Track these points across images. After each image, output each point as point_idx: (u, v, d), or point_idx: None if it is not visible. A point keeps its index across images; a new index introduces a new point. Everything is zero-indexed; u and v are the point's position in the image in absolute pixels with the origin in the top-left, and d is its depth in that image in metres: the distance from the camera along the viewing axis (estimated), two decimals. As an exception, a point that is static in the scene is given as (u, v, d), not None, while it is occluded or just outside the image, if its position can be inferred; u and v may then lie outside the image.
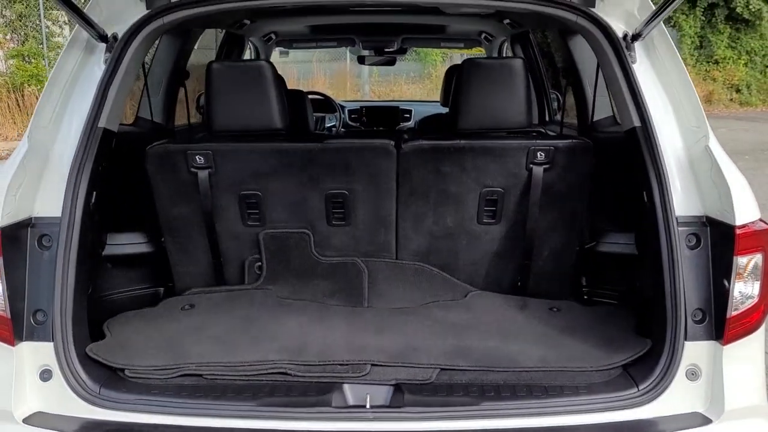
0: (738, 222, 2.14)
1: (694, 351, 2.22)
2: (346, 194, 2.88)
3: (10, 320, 2.19)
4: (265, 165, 2.82)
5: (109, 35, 2.48)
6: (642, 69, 2.46)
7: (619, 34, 2.48)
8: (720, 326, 2.20)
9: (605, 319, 2.71)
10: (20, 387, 2.21)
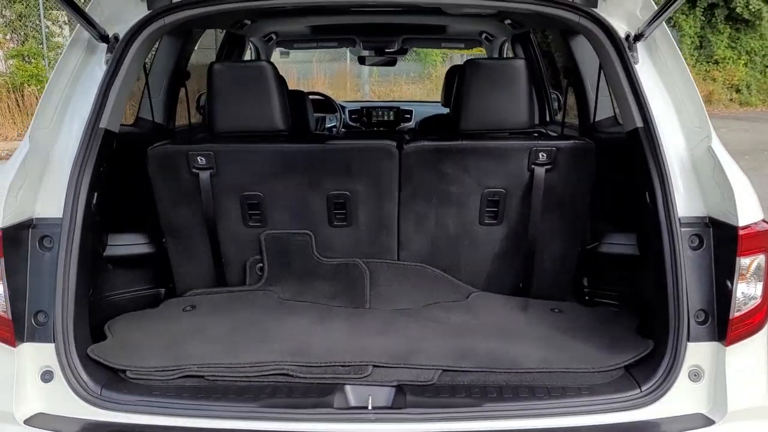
0: (741, 223, 2.13)
1: (697, 352, 2.22)
2: (348, 195, 2.88)
3: (11, 321, 2.19)
4: (267, 166, 2.81)
5: (111, 35, 2.48)
6: (644, 69, 2.46)
7: (622, 35, 2.48)
8: (723, 327, 2.19)
9: (607, 320, 2.71)
10: (21, 388, 2.20)
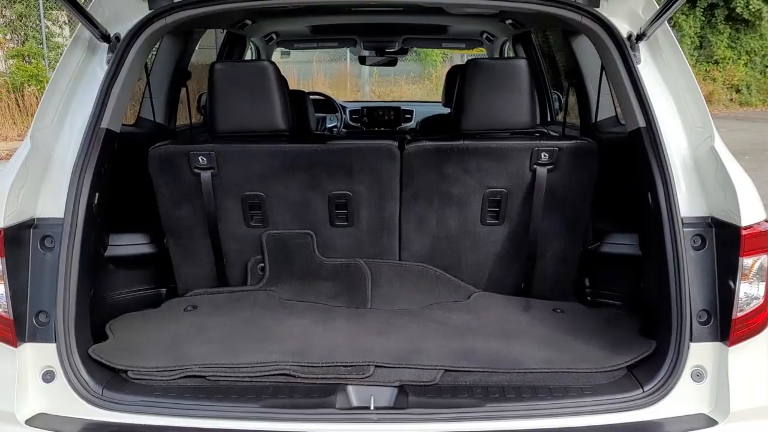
0: (744, 223, 2.13)
1: (700, 352, 2.21)
2: (350, 196, 2.87)
3: (13, 321, 2.19)
4: (268, 166, 2.81)
5: (112, 35, 2.48)
6: (647, 69, 2.45)
7: (624, 34, 2.47)
8: (725, 327, 2.19)
9: (609, 321, 2.71)
10: (23, 388, 2.20)
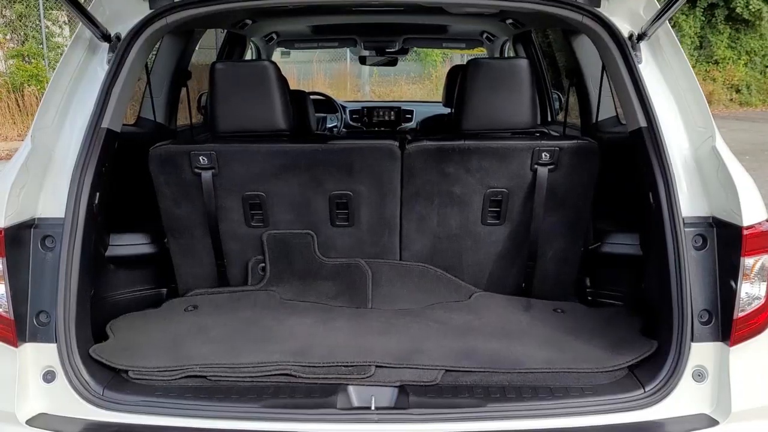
0: (745, 223, 2.12)
1: (701, 352, 2.21)
2: (350, 195, 2.87)
3: (14, 321, 2.18)
4: (269, 166, 2.81)
5: (112, 35, 2.48)
6: (648, 69, 2.45)
7: (625, 34, 2.47)
8: (727, 327, 2.19)
9: (610, 321, 2.70)
10: (23, 388, 2.20)
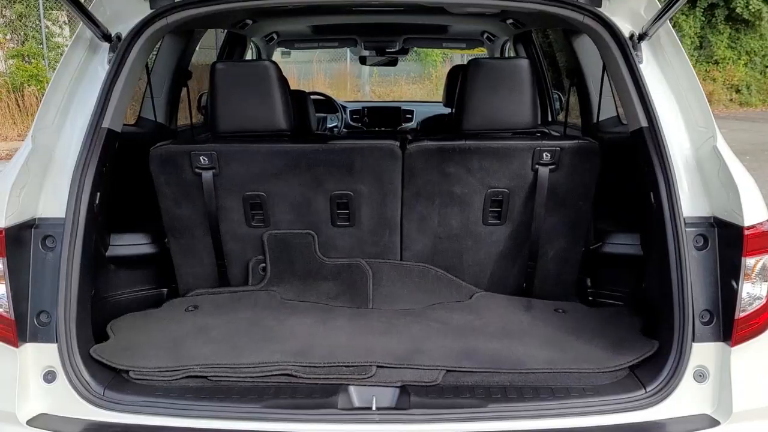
0: (746, 223, 2.12)
1: (702, 352, 2.21)
2: (351, 195, 2.87)
3: (14, 321, 2.18)
4: (270, 166, 2.80)
5: (113, 35, 2.47)
6: (649, 69, 2.45)
7: (626, 34, 2.47)
8: (728, 328, 2.19)
9: (611, 321, 2.70)
10: (24, 388, 2.19)
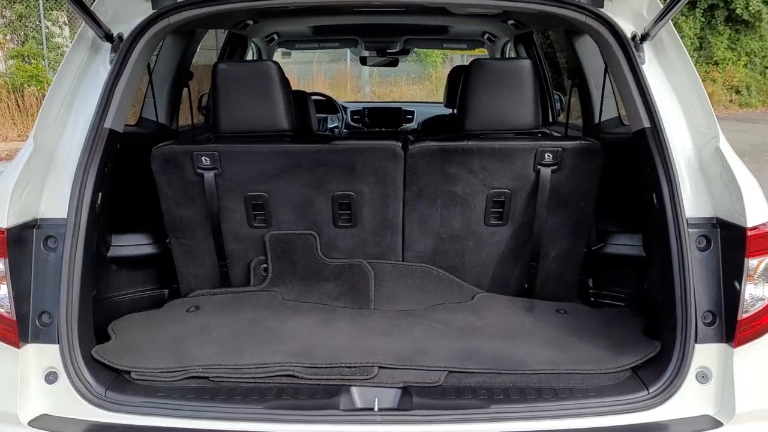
0: (749, 223, 2.12)
1: (705, 353, 2.21)
2: (353, 196, 2.86)
3: (16, 322, 2.18)
4: (272, 166, 2.80)
5: (115, 35, 2.47)
6: (651, 69, 2.45)
7: (628, 35, 2.47)
8: (731, 329, 2.18)
9: (613, 321, 2.70)
10: (25, 389, 2.19)
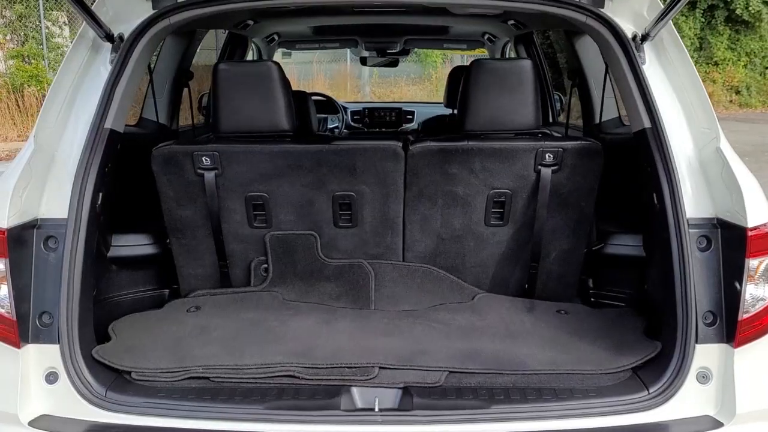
0: (750, 224, 2.12)
1: (705, 354, 2.21)
2: (353, 196, 2.86)
3: (16, 322, 2.18)
4: (272, 167, 2.80)
5: (116, 35, 2.47)
6: (651, 70, 2.45)
7: (629, 35, 2.47)
8: (731, 329, 2.18)
9: (613, 322, 2.70)
10: (26, 389, 2.19)
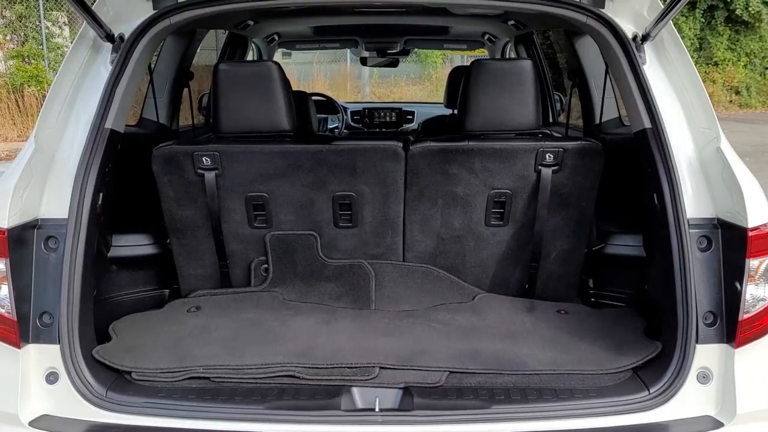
0: (750, 224, 2.12)
1: (706, 354, 2.21)
2: (354, 196, 2.86)
3: (16, 322, 2.18)
4: (272, 167, 2.80)
5: (116, 35, 2.47)
6: (652, 70, 2.45)
7: (629, 35, 2.47)
8: (732, 329, 2.18)
9: (614, 322, 2.70)
10: (26, 390, 2.19)
